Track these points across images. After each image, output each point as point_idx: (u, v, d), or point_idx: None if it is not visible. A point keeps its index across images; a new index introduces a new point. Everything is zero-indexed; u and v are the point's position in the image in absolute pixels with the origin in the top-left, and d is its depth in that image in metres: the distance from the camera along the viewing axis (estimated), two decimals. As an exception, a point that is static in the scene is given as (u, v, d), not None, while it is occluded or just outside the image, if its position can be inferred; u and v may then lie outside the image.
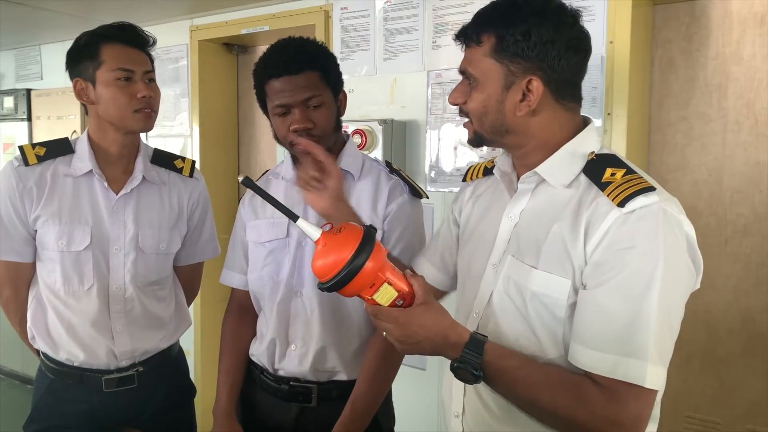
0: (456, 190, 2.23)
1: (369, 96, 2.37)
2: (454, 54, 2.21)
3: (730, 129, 1.92)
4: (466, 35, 1.07)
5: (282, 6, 2.65)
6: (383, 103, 2.39)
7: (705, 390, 1.98)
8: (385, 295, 0.97)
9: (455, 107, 1.14)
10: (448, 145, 2.25)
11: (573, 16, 1.02)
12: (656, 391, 0.94)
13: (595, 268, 0.95)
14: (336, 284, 0.95)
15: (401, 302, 0.98)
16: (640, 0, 1.89)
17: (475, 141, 1.10)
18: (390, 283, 0.97)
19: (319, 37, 2.47)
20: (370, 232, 0.97)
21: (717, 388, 1.97)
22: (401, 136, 2.34)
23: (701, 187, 1.96)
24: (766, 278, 1.89)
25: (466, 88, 1.08)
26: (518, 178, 1.11)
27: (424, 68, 2.28)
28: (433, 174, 2.29)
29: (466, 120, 1.10)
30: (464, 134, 2.17)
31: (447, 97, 2.22)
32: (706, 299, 1.96)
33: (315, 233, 0.98)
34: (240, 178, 1.01)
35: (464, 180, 1.33)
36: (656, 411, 1.06)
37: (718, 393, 1.97)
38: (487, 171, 1.25)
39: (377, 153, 2.25)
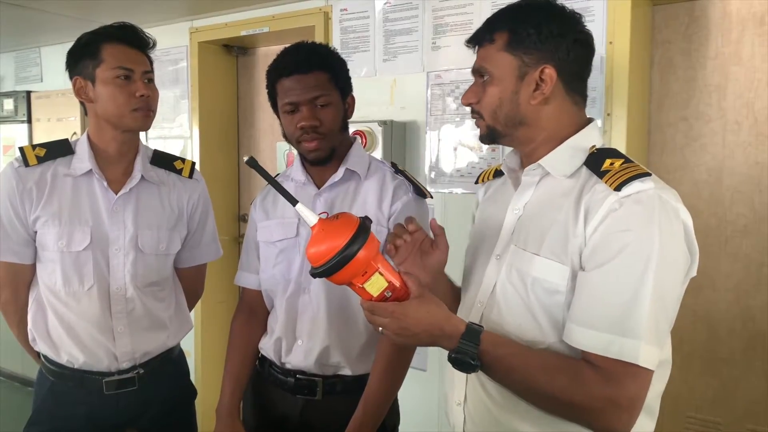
0: (456, 191, 2.24)
1: (369, 97, 2.36)
2: (453, 55, 2.22)
3: (729, 129, 1.92)
4: (478, 37, 1.12)
5: (281, 7, 2.65)
6: (383, 104, 2.39)
7: (706, 390, 1.98)
8: (376, 285, 0.99)
9: (455, 108, 1.15)
10: (447, 146, 2.25)
11: (576, 15, 1.10)
12: (651, 372, 0.96)
13: (592, 251, 0.98)
14: (328, 270, 0.96)
15: (390, 294, 1.00)
16: (639, 0, 1.89)
17: (488, 137, 1.14)
18: (381, 274, 0.99)
19: (319, 38, 2.48)
20: (365, 222, 0.99)
21: (718, 388, 1.97)
22: (401, 137, 2.34)
23: (701, 187, 1.96)
24: (766, 278, 1.89)
25: (479, 87, 1.12)
26: None
27: (424, 69, 2.28)
28: (432, 175, 2.29)
29: (477, 117, 1.13)
30: (464, 135, 2.20)
31: (447, 98, 2.22)
32: (707, 299, 1.96)
33: (312, 219, 1.00)
34: (245, 159, 1.02)
35: (476, 182, 1.38)
36: (655, 407, 1.07)
37: (718, 393, 1.97)
38: (498, 173, 1.30)
39: (377, 154, 2.25)
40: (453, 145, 2.23)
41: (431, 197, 1.58)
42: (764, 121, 1.87)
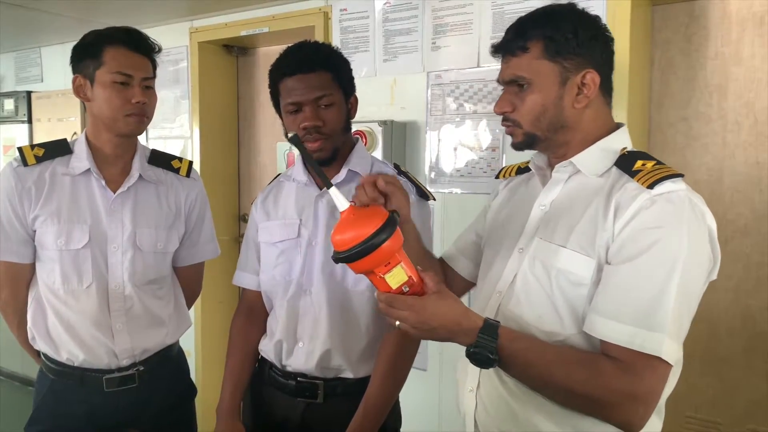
0: (456, 191, 2.24)
1: (369, 97, 2.36)
2: (453, 55, 2.22)
3: (729, 129, 1.92)
4: (508, 46, 1.12)
5: (281, 8, 2.65)
6: (383, 104, 2.39)
7: (706, 390, 1.98)
8: (397, 277, 1.00)
9: (455, 108, 1.15)
10: (447, 146, 2.25)
11: (599, 17, 1.11)
12: (670, 366, 0.97)
13: (621, 246, 1.00)
14: (353, 255, 0.97)
15: (407, 289, 1.02)
16: (638, 0, 1.89)
17: (525, 144, 1.14)
18: (402, 267, 1.01)
19: (319, 38, 2.48)
20: (394, 215, 1.02)
21: (718, 388, 1.97)
22: (401, 137, 2.34)
23: (701, 187, 1.96)
24: (766, 278, 1.89)
25: (513, 96, 1.12)
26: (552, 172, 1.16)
27: (424, 69, 2.29)
28: (433, 175, 2.29)
29: (511, 126, 1.13)
30: (464, 135, 2.20)
31: (447, 99, 2.22)
32: (707, 299, 1.91)
33: (343, 204, 1.02)
34: (289, 135, 1.06)
35: (497, 177, 1.40)
36: (662, 407, 1.07)
37: (718, 393, 1.97)
38: (520, 171, 1.32)
39: (377, 154, 2.25)
40: (453, 145, 2.24)
41: (434, 199, 1.57)
42: (764, 121, 1.86)
